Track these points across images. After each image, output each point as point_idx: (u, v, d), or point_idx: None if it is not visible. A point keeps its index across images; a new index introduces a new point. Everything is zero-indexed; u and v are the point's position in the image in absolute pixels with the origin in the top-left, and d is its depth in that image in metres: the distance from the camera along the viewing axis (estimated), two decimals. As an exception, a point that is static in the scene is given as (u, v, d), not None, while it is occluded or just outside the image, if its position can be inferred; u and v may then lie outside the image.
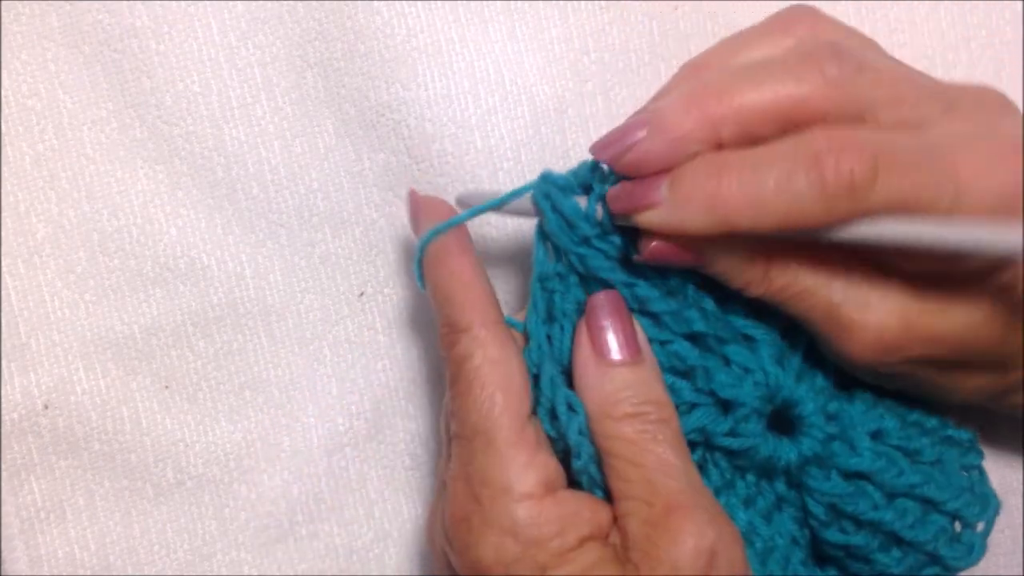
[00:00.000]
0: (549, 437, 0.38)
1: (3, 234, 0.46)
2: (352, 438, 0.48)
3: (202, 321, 0.47)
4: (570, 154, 0.47)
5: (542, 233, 0.39)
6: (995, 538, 0.48)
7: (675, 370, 0.38)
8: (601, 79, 0.47)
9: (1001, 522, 0.48)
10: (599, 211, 0.37)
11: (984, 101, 0.38)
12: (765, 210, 0.34)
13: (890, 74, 0.37)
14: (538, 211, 0.39)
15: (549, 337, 0.39)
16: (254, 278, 0.47)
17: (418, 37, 0.46)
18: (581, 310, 0.38)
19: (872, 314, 0.37)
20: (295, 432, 0.48)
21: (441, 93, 0.46)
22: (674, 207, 0.35)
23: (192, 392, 0.47)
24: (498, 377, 0.37)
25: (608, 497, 0.37)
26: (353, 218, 0.47)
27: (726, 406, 0.38)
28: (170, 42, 0.46)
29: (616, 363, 0.37)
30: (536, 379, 0.38)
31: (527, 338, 0.40)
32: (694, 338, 0.38)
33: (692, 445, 0.37)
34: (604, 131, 0.47)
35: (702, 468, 0.38)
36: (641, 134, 0.35)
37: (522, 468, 0.36)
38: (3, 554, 0.46)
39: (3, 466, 0.46)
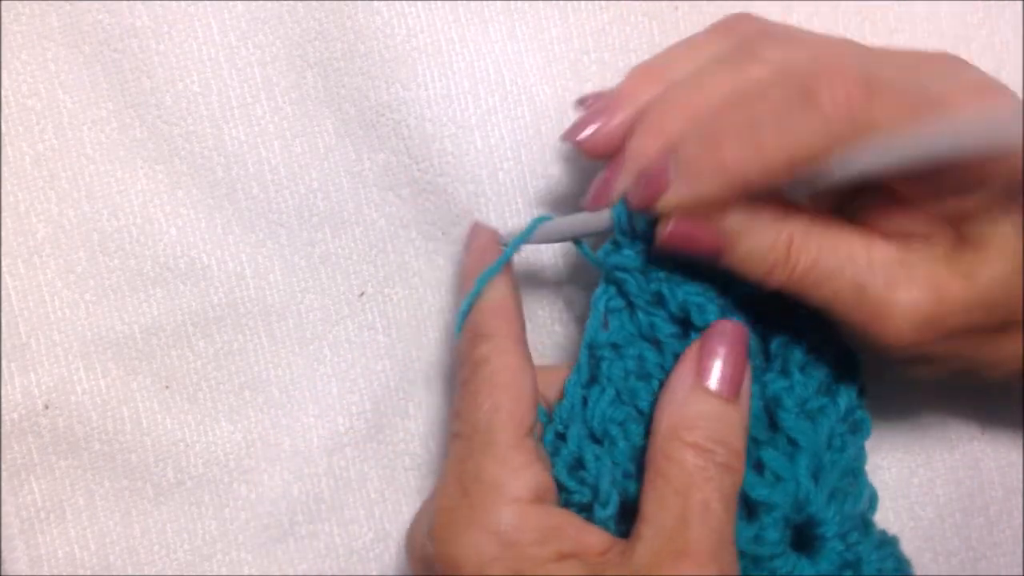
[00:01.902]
0: (563, 487, 0.38)
1: (3, 234, 0.46)
2: (352, 438, 0.48)
3: (202, 321, 0.47)
4: (570, 154, 0.47)
5: (601, 295, 0.39)
6: (995, 538, 0.48)
7: None
8: (601, 79, 0.47)
9: (1002, 522, 0.48)
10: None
11: (941, 59, 0.38)
12: (771, 156, 0.34)
13: (830, 48, 0.38)
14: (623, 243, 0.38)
15: (585, 399, 0.38)
16: (254, 278, 0.47)
17: (418, 37, 0.46)
18: (627, 377, 0.38)
19: (902, 290, 0.36)
20: (295, 432, 0.48)
21: (441, 93, 0.46)
22: (686, 182, 0.35)
23: (192, 392, 0.47)
24: (510, 385, 0.37)
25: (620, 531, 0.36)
26: (353, 218, 0.47)
27: (751, 511, 0.36)
28: (170, 42, 0.46)
29: (711, 392, 0.36)
30: (562, 436, 0.38)
31: (562, 395, 0.39)
32: None
33: None
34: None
35: None
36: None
37: (516, 471, 0.36)
38: (3, 554, 0.46)
39: (3, 466, 0.46)
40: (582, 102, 0.42)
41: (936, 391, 0.48)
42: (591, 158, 0.41)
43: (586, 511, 0.37)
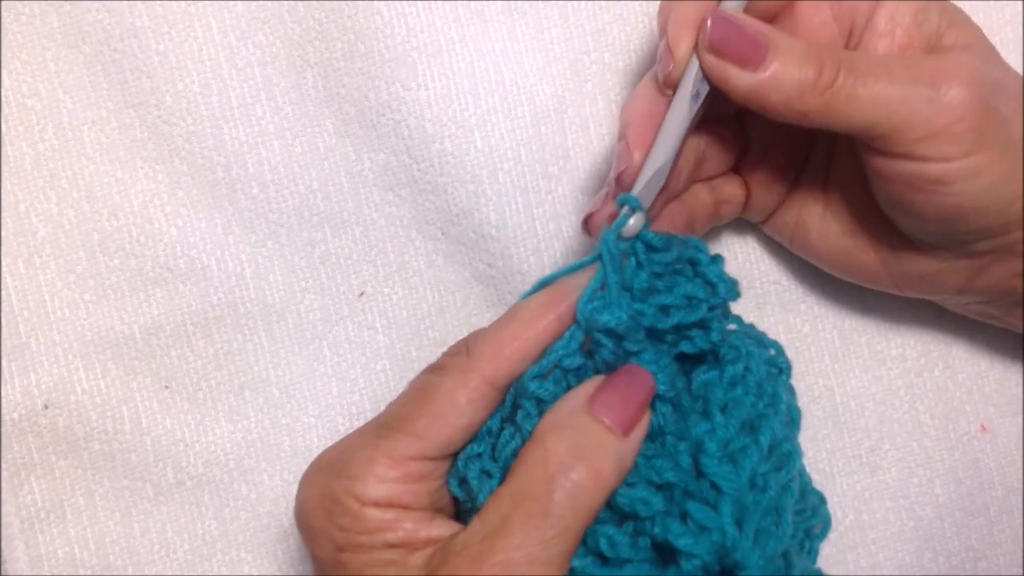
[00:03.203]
0: (455, 498, 0.37)
1: (3, 234, 0.46)
2: (352, 438, 0.48)
3: (202, 321, 0.47)
4: (570, 154, 0.47)
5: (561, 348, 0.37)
6: (995, 538, 0.48)
7: (623, 516, 0.36)
8: (601, 79, 0.47)
9: (1002, 522, 0.48)
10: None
11: None
12: None
13: None
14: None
15: (499, 431, 0.37)
16: (254, 278, 0.47)
17: (418, 37, 0.46)
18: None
19: (944, 90, 0.37)
20: (295, 432, 0.48)
21: (441, 93, 0.46)
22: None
23: (192, 392, 0.47)
24: (441, 413, 0.36)
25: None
26: (353, 218, 0.47)
27: (669, 558, 0.35)
28: (170, 42, 0.46)
29: (597, 418, 0.35)
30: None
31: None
32: (660, 487, 0.36)
33: None
34: (604, 131, 0.47)
35: None
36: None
37: (378, 479, 0.35)
38: (3, 554, 0.46)
39: (3, 466, 0.46)
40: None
41: (936, 390, 0.48)
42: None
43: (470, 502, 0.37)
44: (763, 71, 0.37)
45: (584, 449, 0.34)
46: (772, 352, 0.41)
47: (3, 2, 0.46)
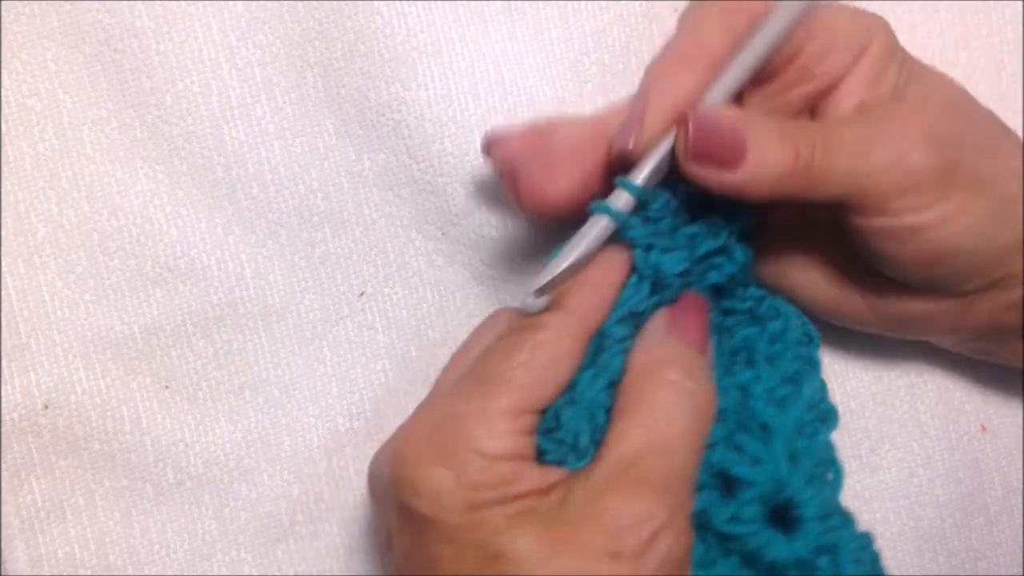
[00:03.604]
0: (540, 451, 0.38)
1: (3, 234, 0.46)
2: (352, 438, 0.48)
3: (202, 321, 0.47)
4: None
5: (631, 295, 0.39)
6: (995, 538, 0.48)
7: None
8: (601, 79, 0.47)
9: (1002, 522, 0.48)
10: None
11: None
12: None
13: None
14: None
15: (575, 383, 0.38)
16: (254, 278, 0.47)
17: (418, 37, 0.46)
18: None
19: (906, 154, 0.38)
20: (295, 432, 0.48)
21: (441, 93, 0.46)
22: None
23: (192, 392, 0.47)
24: (546, 366, 0.37)
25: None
26: (353, 218, 0.47)
27: (729, 490, 0.37)
28: (170, 42, 0.46)
29: (686, 341, 0.38)
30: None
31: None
32: (718, 415, 0.38)
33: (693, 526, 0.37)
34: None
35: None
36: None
37: (496, 434, 0.36)
38: (3, 554, 0.46)
39: (3, 466, 0.46)
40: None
41: (936, 390, 0.48)
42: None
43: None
44: (744, 168, 0.38)
45: (689, 368, 0.37)
46: (802, 322, 0.43)
47: (3, 2, 0.46)
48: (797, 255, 0.44)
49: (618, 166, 0.40)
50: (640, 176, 0.39)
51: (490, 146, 0.42)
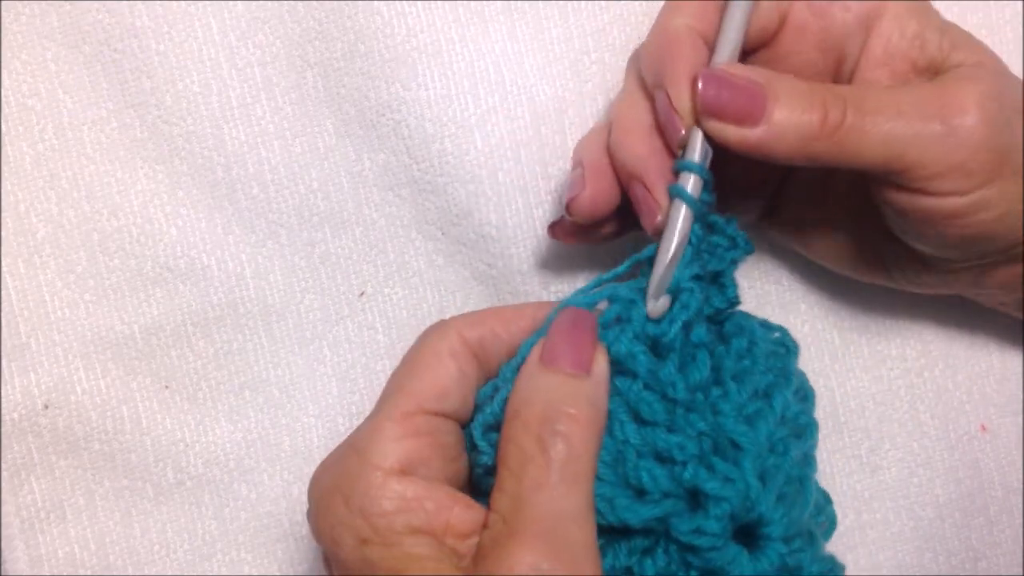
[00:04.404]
0: (474, 446, 0.37)
1: (3, 234, 0.46)
2: (352, 438, 0.48)
3: (202, 321, 0.47)
4: (570, 154, 0.47)
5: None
6: (995, 538, 0.48)
7: (660, 457, 0.37)
8: (601, 79, 0.47)
9: (1002, 522, 0.48)
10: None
11: None
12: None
13: None
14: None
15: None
16: (254, 278, 0.47)
17: (418, 37, 0.46)
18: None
19: (957, 123, 0.36)
20: (295, 432, 0.48)
21: (441, 93, 0.46)
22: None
23: (192, 392, 0.47)
24: (429, 366, 0.37)
25: None
26: (353, 218, 0.47)
27: (697, 503, 0.36)
28: (170, 42, 0.46)
29: (552, 369, 0.35)
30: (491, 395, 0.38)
31: (514, 352, 0.39)
32: (693, 437, 0.37)
33: (649, 532, 0.36)
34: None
35: (650, 551, 0.37)
36: None
37: (385, 440, 0.35)
38: (3, 554, 0.46)
39: (3, 466, 0.46)
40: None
41: (936, 390, 0.48)
42: (588, 220, 0.41)
43: (490, 475, 0.36)
44: (764, 124, 0.36)
45: (554, 403, 0.34)
46: (777, 335, 0.42)
47: (3, 2, 0.46)
48: (818, 226, 0.44)
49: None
50: (696, 155, 0.38)
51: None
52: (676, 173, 0.38)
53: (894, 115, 0.36)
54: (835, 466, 0.48)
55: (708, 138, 0.37)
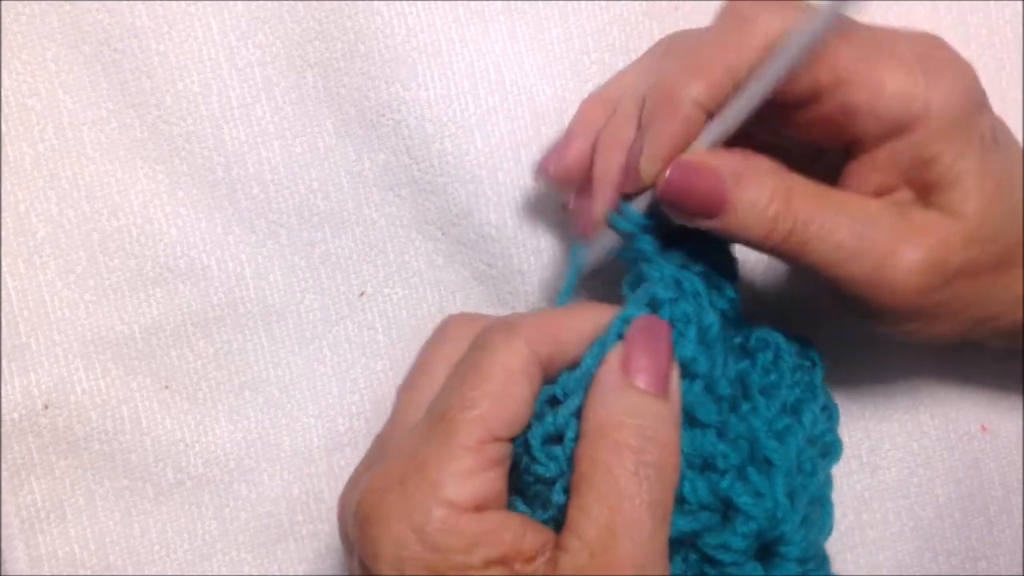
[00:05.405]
0: (532, 455, 0.36)
1: (3, 234, 0.46)
2: (352, 438, 0.48)
3: (202, 321, 0.47)
4: (570, 154, 0.47)
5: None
6: (995, 538, 0.48)
7: (704, 465, 0.36)
8: (601, 79, 0.47)
9: (1002, 522, 0.48)
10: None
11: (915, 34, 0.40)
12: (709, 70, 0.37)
13: None
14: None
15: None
16: (254, 278, 0.47)
17: (418, 37, 0.46)
18: None
19: (905, 237, 0.37)
20: (295, 432, 0.48)
21: (441, 93, 0.46)
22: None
23: (192, 392, 0.47)
24: (499, 386, 0.34)
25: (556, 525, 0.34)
26: (353, 218, 0.47)
27: (727, 517, 0.36)
28: (170, 42, 0.46)
29: (636, 388, 0.34)
30: (553, 403, 0.36)
31: (577, 362, 0.37)
32: (735, 441, 0.37)
33: (673, 540, 0.35)
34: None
35: (669, 557, 0.36)
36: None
37: (462, 474, 0.33)
38: (3, 554, 0.46)
39: (3, 466, 0.46)
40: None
41: (936, 390, 0.48)
42: (560, 187, 0.42)
43: (545, 485, 0.35)
44: (720, 220, 0.37)
45: (645, 429, 0.33)
46: (800, 347, 0.42)
47: (3, 2, 0.46)
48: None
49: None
50: (642, 205, 0.38)
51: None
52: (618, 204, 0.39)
53: (834, 243, 0.37)
54: (835, 466, 0.48)
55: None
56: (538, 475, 0.35)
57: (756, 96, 0.37)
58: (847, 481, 0.48)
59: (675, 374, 0.35)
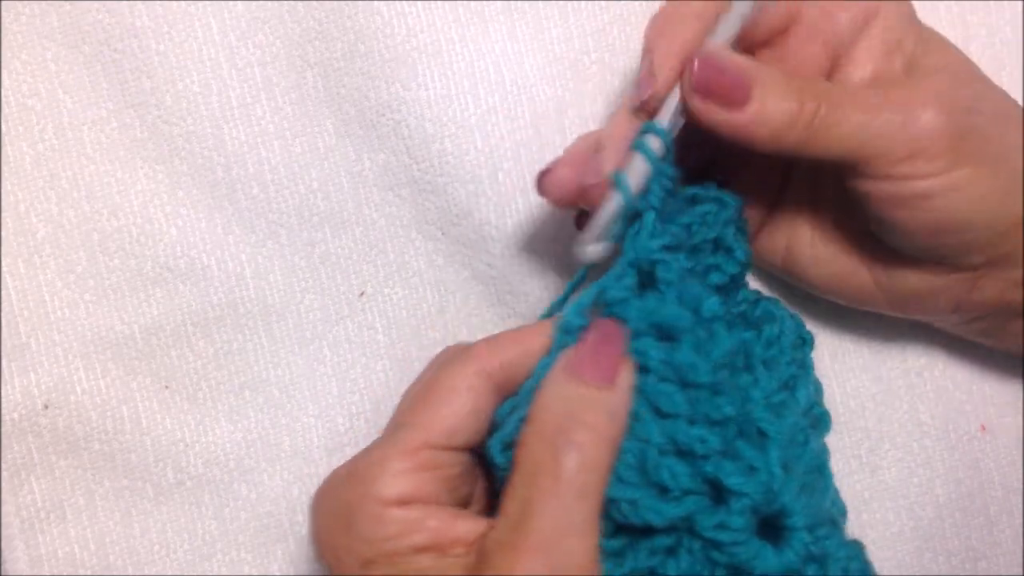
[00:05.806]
0: (494, 464, 0.37)
1: (3, 234, 0.46)
2: (352, 438, 0.48)
3: (202, 321, 0.47)
4: (570, 154, 0.47)
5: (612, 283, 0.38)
6: (995, 538, 0.48)
7: (681, 452, 0.36)
8: (601, 79, 0.47)
9: (1002, 522, 0.48)
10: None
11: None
12: None
13: None
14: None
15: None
16: (254, 278, 0.47)
17: (418, 37, 0.46)
18: None
19: (917, 115, 0.38)
20: (295, 432, 0.48)
21: (441, 93, 0.46)
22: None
23: (192, 392, 0.47)
24: (440, 402, 0.37)
25: None
26: (353, 218, 0.47)
27: (720, 498, 0.36)
28: (170, 42, 0.46)
29: (575, 379, 0.36)
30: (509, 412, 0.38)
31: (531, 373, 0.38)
32: (718, 424, 0.37)
33: (672, 530, 0.36)
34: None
35: (673, 551, 0.37)
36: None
37: (393, 474, 0.36)
38: (3, 554, 0.46)
39: (3, 466, 0.46)
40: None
41: (936, 390, 0.48)
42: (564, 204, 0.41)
43: None
44: (748, 109, 0.38)
45: (574, 412, 0.35)
46: (796, 324, 0.42)
47: (3, 2, 0.46)
48: (805, 232, 0.44)
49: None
50: (664, 120, 0.39)
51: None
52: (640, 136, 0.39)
53: (861, 109, 0.38)
54: (835, 466, 0.48)
55: (682, 113, 0.39)
56: (501, 479, 0.37)
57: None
58: (847, 481, 0.48)
59: (626, 368, 0.36)
